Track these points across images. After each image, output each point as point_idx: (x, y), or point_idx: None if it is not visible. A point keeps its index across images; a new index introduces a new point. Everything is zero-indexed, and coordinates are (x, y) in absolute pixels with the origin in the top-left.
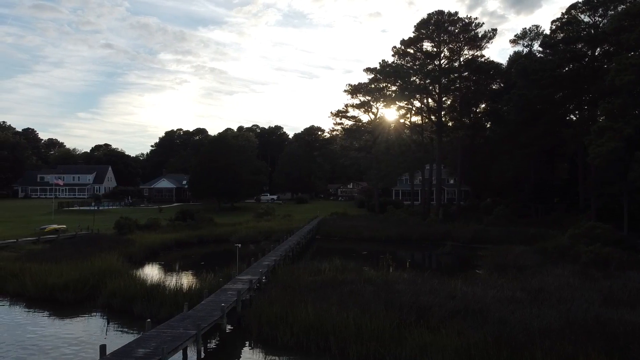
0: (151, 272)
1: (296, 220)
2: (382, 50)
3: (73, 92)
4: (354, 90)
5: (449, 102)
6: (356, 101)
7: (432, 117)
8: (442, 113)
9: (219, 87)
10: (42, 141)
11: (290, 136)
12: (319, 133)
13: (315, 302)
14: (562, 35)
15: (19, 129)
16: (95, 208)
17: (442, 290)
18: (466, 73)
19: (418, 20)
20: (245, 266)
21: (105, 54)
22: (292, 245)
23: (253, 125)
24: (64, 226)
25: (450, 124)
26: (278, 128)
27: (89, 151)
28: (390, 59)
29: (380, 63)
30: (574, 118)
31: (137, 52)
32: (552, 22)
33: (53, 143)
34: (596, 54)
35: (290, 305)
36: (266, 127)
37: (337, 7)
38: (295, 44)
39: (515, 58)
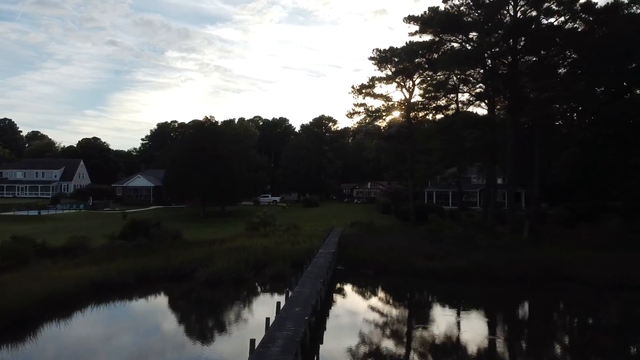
0: None
1: (305, 234)
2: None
3: (81, 90)
4: (383, 59)
5: (525, 66)
6: (388, 72)
7: (503, 87)
8: (517, 82)
9: (226, 85)
10: (24, 134)
11: (297, 130)
12: (330, 124)
13: None
14: None
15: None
16: (37, 213)
17: None
18: (560, 20)
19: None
20: None
21: (111, 51)
22: (301, 317)
23: (255, 117)
24: None
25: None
26: (283, 120)
27: (75, 145)
28: (441, 6)
29: (426, 11)
30: None
31: (142, 50)
32: None
33: (37, 136)
34: None
35: None
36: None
37: (342, 4)
38: (302, 41)
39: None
